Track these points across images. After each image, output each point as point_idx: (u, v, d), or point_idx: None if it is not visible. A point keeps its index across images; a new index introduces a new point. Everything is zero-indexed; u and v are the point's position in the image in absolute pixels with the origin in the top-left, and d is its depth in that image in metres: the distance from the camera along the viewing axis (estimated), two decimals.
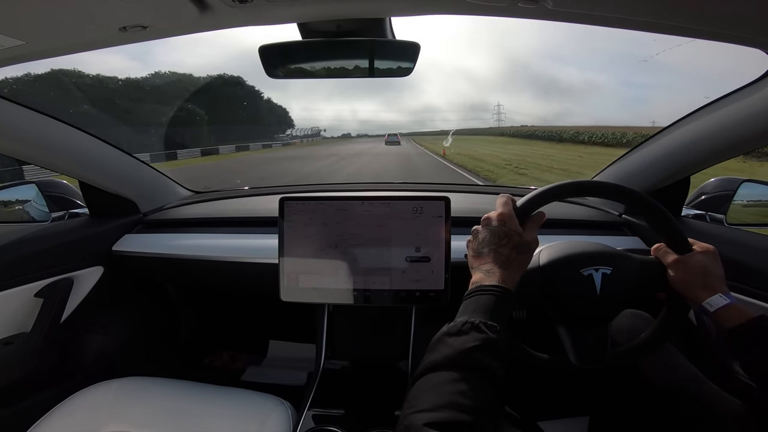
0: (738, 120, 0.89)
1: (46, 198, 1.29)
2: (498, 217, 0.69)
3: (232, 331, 1.69)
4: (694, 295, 0.67)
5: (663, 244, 0.73)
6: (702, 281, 0.67)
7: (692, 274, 0.68)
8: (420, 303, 1.02)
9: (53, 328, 1.08)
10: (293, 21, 0.78)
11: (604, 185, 0.76)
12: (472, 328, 0.55)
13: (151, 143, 19.02)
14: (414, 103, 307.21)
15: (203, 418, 0.93)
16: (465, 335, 0.55)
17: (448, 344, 0.55)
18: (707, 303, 0.65)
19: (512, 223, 0.67)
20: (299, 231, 1.00)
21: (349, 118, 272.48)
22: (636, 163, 1.22)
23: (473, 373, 0.51)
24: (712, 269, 0.68)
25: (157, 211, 1.44)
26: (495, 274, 0.64)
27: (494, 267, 0.65)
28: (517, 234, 0.67)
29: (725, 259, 0.70)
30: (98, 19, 0.68)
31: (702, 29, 0.66)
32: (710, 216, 1.14)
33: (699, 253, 0.70)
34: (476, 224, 0.73)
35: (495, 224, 0.68)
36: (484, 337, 0.54)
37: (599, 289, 0.70)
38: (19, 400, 1.04)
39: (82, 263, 1.18)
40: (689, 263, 0.69)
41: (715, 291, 0.66)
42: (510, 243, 0.66)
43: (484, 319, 0.57)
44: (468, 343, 0.53)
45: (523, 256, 0.67)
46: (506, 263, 0.65)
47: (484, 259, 0.67)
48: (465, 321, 0.57)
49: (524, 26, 57.56)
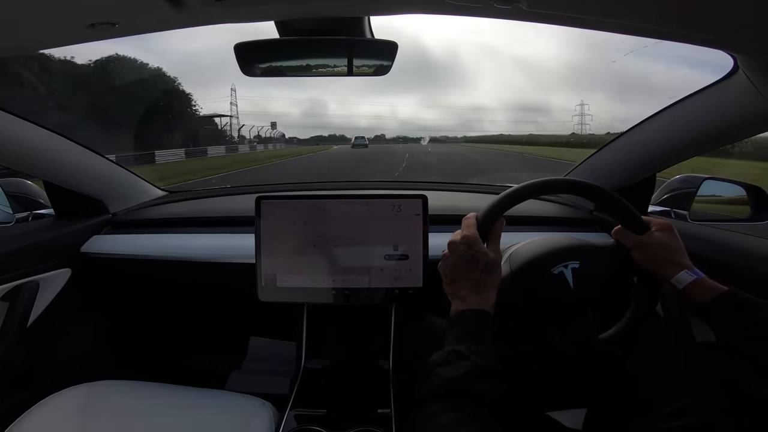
0: (702, 119, 0.93)
1: (9, 198, 1.23)
2: (462, 240, 0.69)
3: (210, 333, 1.66)
4: (661, 273, 0.70)
5: (620, 227, 0.75)
6: (665, 258, 0.69)
7: (654, 252, 0.71)
8: (399, 300, 1.03)
9: (20, 333, 1.04)
10: (271, 19, 0.76)
11: (554, 182, 0.78)
12: (458, 357, 0.56)
13: (112, 141, 17.19)
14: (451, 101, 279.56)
15: (182, 421, 0.91)
16: (452, 364, 0.56)
17: (438, 374, 0.56)
18: (675, 280, 0.67)
19: (477, 245, 0.68)
20: (276, 230, 0.99)
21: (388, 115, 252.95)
22: (603, 162, 1.26)
23: (466, 399, 0.52)
24: (671, 244, 0.70)
25: (128, 211, 1.40)
26: (471, 299, 0.65)
27: (468, 292, 0.66)
28: (483, 254, 0.67)
29: (690, 254, 0.73)
30: (64, 14, 0.65)
31: (669, 31, 0.69)
32: (675, 212, 1.19)
33: (656, 231, 0.72)
34: (454, 222, 0.74)
35: (461, 249, 0.68)
36: (471, 364, 0.55)
37: (573, 284, 0.72)
38: None
39: (48, 265, 1.14)
40: (649, 242, 0.71)
41: (680, 267, 0.68)
42: (478, 266, 0.66)
43: (468, 345, 0.58)
44: (456, 372, 0.54)
45: (493, 274, 0.68)
46: (479, 286, 0.66)
47: (457, 286, 0.67)
48: (450, 350, 0.58)
49: None
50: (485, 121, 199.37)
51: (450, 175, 13.74)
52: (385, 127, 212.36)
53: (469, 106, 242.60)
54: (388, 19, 0.83)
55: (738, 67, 0.78)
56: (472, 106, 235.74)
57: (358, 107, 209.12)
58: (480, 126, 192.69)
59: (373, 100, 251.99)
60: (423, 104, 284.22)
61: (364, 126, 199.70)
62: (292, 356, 1.14)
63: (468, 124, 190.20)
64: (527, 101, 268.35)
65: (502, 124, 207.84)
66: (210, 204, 1.54)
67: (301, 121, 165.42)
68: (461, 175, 14.07)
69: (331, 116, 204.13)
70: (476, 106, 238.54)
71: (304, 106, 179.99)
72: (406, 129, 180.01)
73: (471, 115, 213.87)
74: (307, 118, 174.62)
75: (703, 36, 0.69)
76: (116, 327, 1.42)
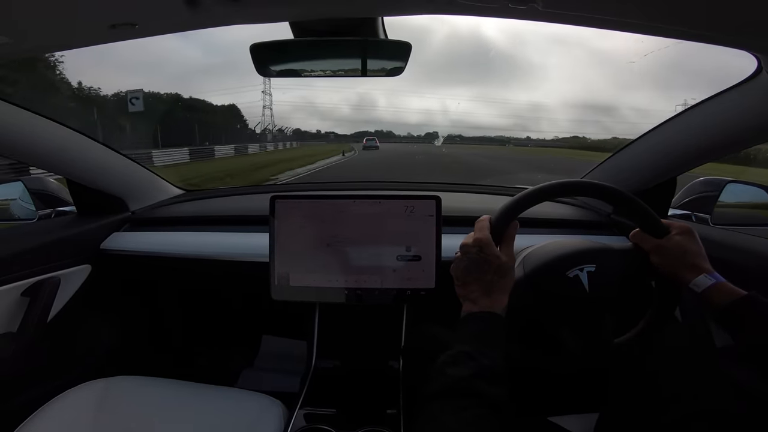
0: (725, 121, 0.90)
1: (32, 196, 1.27)
2: (475, 242, 0.68)
3: (223, 330, 1.68)
4: (680, 276, 0.68)
5: (639, 230, 0.74)
6: (684, 262, 0.68)
7: (673, 256, 0.69)
8: (411, 301, 1.02)
9: (40, 328, 1.06)
10: (285, 20, 0.77)
11: (571, 184, 0.76)
12: (466, 358, 0.56)
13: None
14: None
15: (194, 417, 0.93)
16: (460, 365, 0.56)
17: (445, 374, 0.56)
18: (694, 284, 0.66)
19: (489, 248, 0.67)
20: (290, 229, 1.00)
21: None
22: (622, 164, 1.24)
23: (472, 401, 0.52)
24: (691, 248, 0.69)
25: (147, 209, 1.43)
26: (482, 301, 0.65)
27: (479, 295, 0.65)
28: (495, 258, 0.66)
29: (711, 258, 0.71)
30: (87, 16, 0.67)
31: (691, 31, 0.67)
32: (696, 216, 1.16)
33: (676, 235, 0.70)
34: (467, 223, 0.73)
35: (473, 252, 0.67)
36: (478, 365, 0.55)
37: (588, 288, 0.71)
38: (6, 401, 1.03)
39: (69, 262, 1.17)
40: (668, 246, 0.70)
41: (700, 271, 0.66)
42: (491, 269, 0.66)
43: (476, 346, 0.58)
44: (464, 372, 0.54)
45: (506, 278, 0.67)
46: (490, 289, 0.66)
47: (469, 288, 0.67)
48: (459, 351, 0.58)
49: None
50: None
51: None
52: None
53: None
54: (403, 20, 0.83)
55: (762, 67, 0.75)
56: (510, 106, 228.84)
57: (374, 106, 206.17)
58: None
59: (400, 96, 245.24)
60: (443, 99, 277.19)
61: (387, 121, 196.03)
62: (303, 355, 1.15)
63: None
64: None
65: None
66: (226, 203, 1.56)
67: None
68: None
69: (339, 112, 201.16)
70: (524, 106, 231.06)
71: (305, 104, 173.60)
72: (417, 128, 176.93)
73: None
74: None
75: (726, 36, 0.67)
76: (132, 323, 1.45)
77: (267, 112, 54.20)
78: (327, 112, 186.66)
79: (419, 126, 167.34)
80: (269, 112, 54.61)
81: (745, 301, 0.62)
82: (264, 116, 53.77)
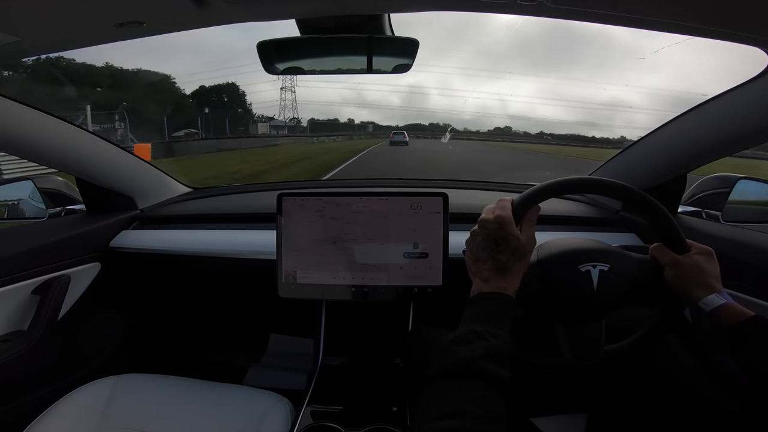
0: (736, 117, 0.89)
1: (42, 194, 1.28)
2: (495, 219, 0.66)
3: (229, 328, 1.69)
4: (690, 294, 0.67)
5: (661, 244, 0.73)
6: (698, 280, 0.67)
7: (689, 273, 0.68)
8: (418, 299, 1.02)
9: (50, 325, 1.07)
10: (292, 17, 0.77)
11: (602, 182, 0.75)
12: (476, 337, 0.55)
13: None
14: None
15: (202, 414, 0.94)
16: (470, 344, 0.55)
17: (454, 352, 0.55)
18: (703, 302, 0.65)
19: (510, 227, 0.66)
20: (297, 227, 1.00)
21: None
22: (633, 160, 1.22)
23: (479, 381, 0.51)
24: (708, 269, 0.68)
25: (155, 207, 1.44)
26: (494, 280, 0.64)
27: (493, 274, 0.64)
28: (515, 238, 0.65)
29: (721, 256, 0.70)
30: (95, 15, 0.68)
31: (702, 27, 0.66)
32: (706, 213, 1.14)
33: (696, 254, 0.70)
34: (475, 221, 0.73)
35: (492, 228, 0.66)
36: (488, 345, 0.54)
37: (596, 286, 0.70)
38: (17, 398, 1.04)
39: (79, 260, 1.18)
40: (686, 263, 0.69)
41: (711, 290, 0.66)
42: (508, 249, 0.65)
43: (487, 327, 0.57)
44: (473, 352, 0.54)
45: (522, 260, 0.66)
46: (505, 270, 0.64)
47: (482, 265, 0.66)
48: (469, 330, 0.57)
49: None
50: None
51: None
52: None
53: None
54: (409, 16, 0.83)
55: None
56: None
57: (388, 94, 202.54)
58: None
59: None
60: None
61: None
62: (309, 353, 1.15)
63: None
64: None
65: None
66: (233, 200, 1.57)
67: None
68: None
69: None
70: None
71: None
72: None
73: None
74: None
75: (737, 32, 0.66)
76: (140, 321, 1.46)
77: (288, 95, 48.45)
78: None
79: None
80: (291, 96, 48.84)
81: (751, 321, 0.62)
82: (283, 100, 48.82)
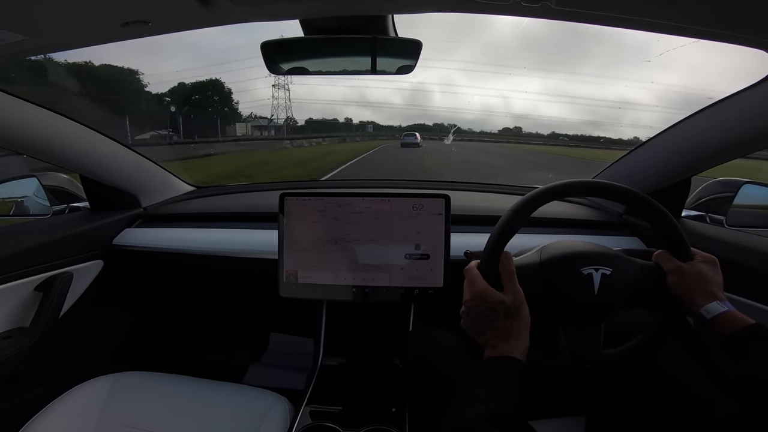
0: (740, 121, 0.89)
1: (47, 191, 1.28)
2: (474, 296, 0.67)
3: (230, 327, 1.70)
4: (692, 301, 0.67)
5: (665, 251, 0.73)
6: (701, 288, 0.67)
7: (691, 281, 0.68)
8: (418, 300, 1.02)
9: (52, 322, 1.08)
10: (295, 17, 0.77)
11: (606, 186, 0.75)
12: (478, 401, 0.57)
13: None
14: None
15: (201, 413, 0.94)
16: (471, 406, 0.57)
17: (460, 414, 0.57)
18: (704, 310, 0.65)
19: (490, 296, 0.66)
20: (299, 227, 1.00)
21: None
22: (636, 164, 1.22)
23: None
24: (711, 277, 0.68)
25: (158, 205, 1.45)
26: (501, 346, 0.65)
27: (498, 341, 0.65)
28: (500, 304, 0.66)
29: (725, 261, 0.70)
30: (101, 14, 0.68)
31: (706, 30, 0.66)
32: (710, 217, 1.14)
33: (700, 262, 0.70)
34: (476, 223, 0.72)
35: (476, 303, 0.67)
36: (489, 409, 0.56)
37: (597, 289, 0.70)
38: (17, 395, 1.04)
39: (82, 257, 1.18)
40: (689, 270, 0.69)
41: (713, 298, 0.66)
42: (499, 315, 0.65)
43: (490, 389, 0.59)
44: (474, 414, 0.55)
45: (518, 318, 0.67)
46: (506, 334, 0.65)
47: (486, 337, 0.67)
48: (472, 393, 0.59)
49: None
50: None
51: None
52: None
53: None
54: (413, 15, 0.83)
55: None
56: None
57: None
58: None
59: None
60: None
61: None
62: (309, 352, 1.15)
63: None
64: None
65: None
66: (236, 200, 1.57)
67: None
68: None
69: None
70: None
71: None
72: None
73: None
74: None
75: (742, 35, 0.66)
76: (141, 319, 1.46)
77: (281, 94, 44.76)
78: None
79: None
80: (284, 94, 45.17)
81: (750, 329, 0.62)
82: (276, 98, 45.03)
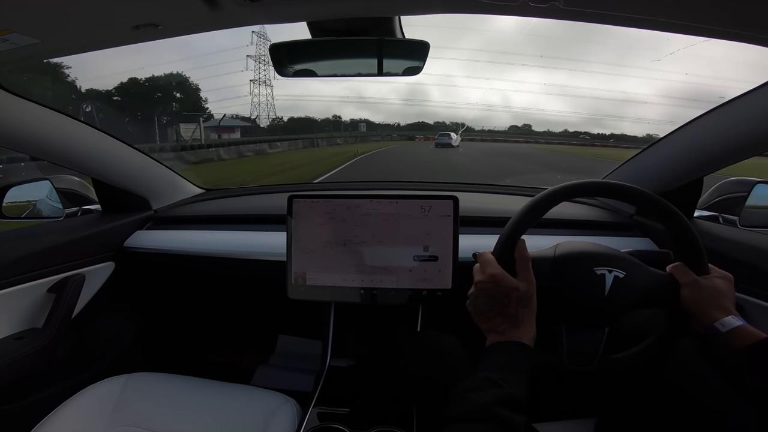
0: (753, 120, 0.87)
1: (59, 194, 1.30)
2: (489, 279, 0.67)
3: (238, 329, 1.71)
4: (706, 314, 0.66)
5: (682, 264, 0.72)
6: (716, 303, 0.67)
7: (707, 295, 0.68)
8: (426, 302, 1.02)
9: (65, 323, 1.09)
10: (303, 20, 0.78)
11: (619, 186, 0.74)
12: (490, 384, 0.56)
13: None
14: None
15: (210, 413, 0.94)
16: (484, 391, 0.55)
17: (468, 398, 0.55)
18: (720, 323, 0.64)
19: (505, 280, 0.66)
20: (307, 229, 1.00)
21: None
22: (648, 164, 1.20)
23: (491, 426, 0.52)
24: (727, 293, 0.68)
25: (169, 208, 1.46)
26: (509, 332, 0.64)
27: (507, 327, 0.64)
28: (514, 290, 0.65)
29: (738, 262, 0.69)
30: (112, 17, 0.69)
31: (717, 29, 0.65)
32: (723, 218, 1.12)
33: (717, 277, 0.69)
34: (485, 224, 0.72)
35: (490, 286, 0.66)
36: (503, 392, 0.55)
37: (608, 291, 0.69)
38: (30, 395, 1.06)
39: (94, 259, 1.20)
40: (705, 285, 0.68)
41: (727, 312, 0.65)
42: (512, 301, 0.65)
43: (502, 374, 0.57)
44: (486, 398, 0.54)
45: (529, 307, 0.66)
46: (517, 321, 0.64)
47: (493, 322, 0.66)
48: (484, 377, 0.57)
49: None
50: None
51: None
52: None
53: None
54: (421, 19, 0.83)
55: None
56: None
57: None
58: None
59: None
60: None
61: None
62: (317, 354, 1.15)
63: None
64: None
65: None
66: (245, 202, 1.58)
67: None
68: None
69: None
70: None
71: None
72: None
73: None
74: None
75: (755, 34, 0.65)
76: (152, 320, 1.48)
77: (262, 91, 39.52)
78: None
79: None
80: (266, 91, 40.48)
81: (764, 343, 0.61)
82: (255, 95, 39.58)
